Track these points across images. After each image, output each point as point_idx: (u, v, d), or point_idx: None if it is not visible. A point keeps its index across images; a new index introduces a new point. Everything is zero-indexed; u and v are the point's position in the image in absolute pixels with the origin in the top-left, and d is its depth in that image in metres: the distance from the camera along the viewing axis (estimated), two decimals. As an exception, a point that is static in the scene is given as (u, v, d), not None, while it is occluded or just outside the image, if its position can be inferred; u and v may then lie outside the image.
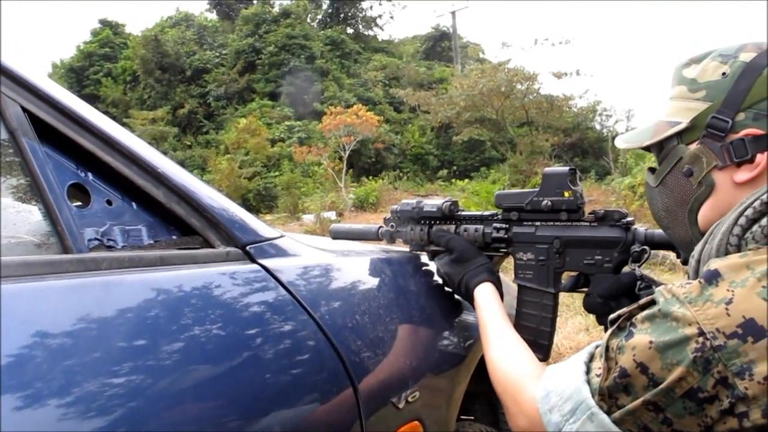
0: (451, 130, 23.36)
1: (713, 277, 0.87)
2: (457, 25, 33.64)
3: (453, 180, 22.14)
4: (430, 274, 1.59)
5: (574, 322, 5.16)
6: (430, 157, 26.80)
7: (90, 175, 0.98)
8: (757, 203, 0.93)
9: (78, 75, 31.33)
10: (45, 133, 0.92)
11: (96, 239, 0.94)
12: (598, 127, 25.22)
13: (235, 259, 1.07)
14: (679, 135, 1.06)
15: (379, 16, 39.88)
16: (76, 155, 0.97)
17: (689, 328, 0.84)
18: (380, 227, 1.65)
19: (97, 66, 31.35)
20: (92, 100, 29.71)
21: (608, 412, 0.91)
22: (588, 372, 0.96)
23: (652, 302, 0.93)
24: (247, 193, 21.05)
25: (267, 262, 1.11)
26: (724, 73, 1.01)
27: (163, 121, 27.04)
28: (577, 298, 5.66)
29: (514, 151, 19.45)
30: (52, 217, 0.87)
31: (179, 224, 1.06)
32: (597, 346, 0.99)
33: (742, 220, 0.93)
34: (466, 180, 20.97)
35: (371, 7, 40.32)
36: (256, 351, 0.95)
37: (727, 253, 0.94)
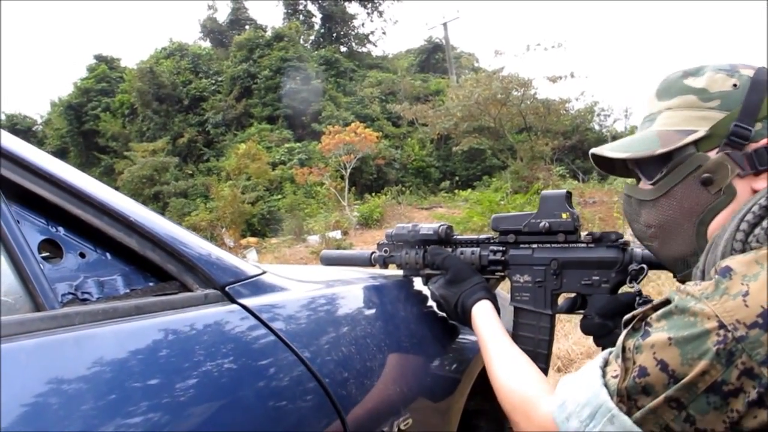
0: (450, 141, 23.44)
1: (726, 273, 0.88)
2: (450, 36, 33.94)
3: (456, 191, 22.13)
4: (421, 298, 1.58)
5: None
6: (432, 170, 26.80)
7: (61, 229, 0.99)
8: (755, 208, 0.95)
9: (76, 111, 31.45)
10: (13, 191, 0.93)
11: (70, 293, 0.94)
12: (597, 127, 25.30)
13: (213, 301, 1.07)
14: (696, 143, 1.05)
15: (372, 33, 40.31)
16: (46, 211, 0.97)
17: (709, 322, 0.84)
18: (373, 253, 1.64)
19: (95, 101, 31.47)
20: (92, 135, 29.98)
21: (628, 414, 0.90)
22: (604, 376, 0.95)
23: (666, 302, 0.93)
24: (251, 218, 21.08)
25: (247, 301, 1.11)
26: (734, 85, 1.03)
27: (163, 152, 27.12)
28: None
29: (515, 158, 19.49)
30: (23, 275, 0.87)
31: (156, 270, 1.06)
32: (610, 352, 0.99)
33: (744, 225, 0.94)
34: (469, 190, 20.97)
35: (363, 25, 40.72)
36: (238, 394, 0.95)
37: (731, 255, 0.94)
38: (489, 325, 1.31)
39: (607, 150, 1.15)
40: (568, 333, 5.12)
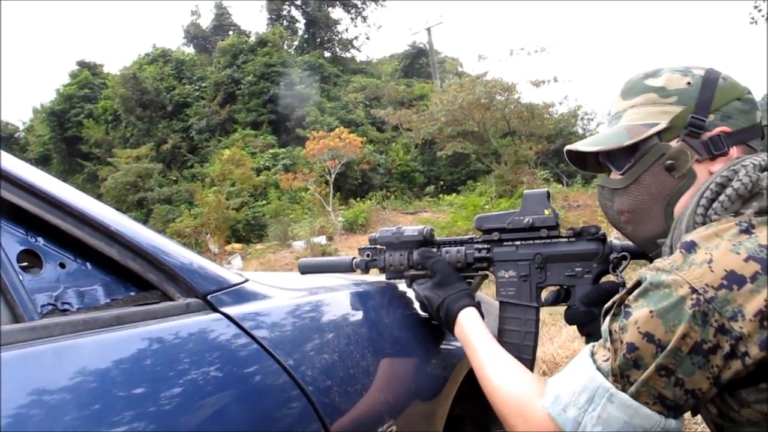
0: (435, 146, 23.42)
1: (691, 246, 1.00)
2: (434, 41, 33.97)
3: (441, 195, 22.17)
4: (406, 303, 1.58)
5: (568, 330, 5.15)
6: (417, 174, 26.86)
7: (41, 239, 0.98)
8: (712, 185, 1.08)
9: (59, 118, 31.24)
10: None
11: (50, 304, 0.93)
12: (580, 131, 25.39)
13: (195, 310, 1.06)
14: (658, 135, 1.18)
15: (355, 38, 40.20)
16: (25, 221, 0.96)
17: (682, 289, 0.95)
18: (354, 258, 1.64)
19: (77, 108, 31.27)
20: (75, 142, 29.78)
21: (622, 391, 0.98)
22: (595, 362, 1.03)
23: (638, 284, 1.03)
24: (236, 224, 21.02)
25: (230, 310, 1.10)
26: (689, 83, 1.18)
27: (147, 158, 27.02)
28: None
29: (499, 162, 19.50)
30: (1, 286, 0.86)
31: (137, 280, 1.06)
32: (593, 346, 1.08)
33: (703, 201, 1.08)
34: (454, 194, 21.00)
35: (347, 30, 40.79)
36: (222, 403, 0.94)
37: (694, 229, 1.06)
38: (477, 331, 1.34)
39: (581, 145, 1.27)
40: (553, 337, 5.14)
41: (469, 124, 19.93)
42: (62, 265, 0.99)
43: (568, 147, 1.31)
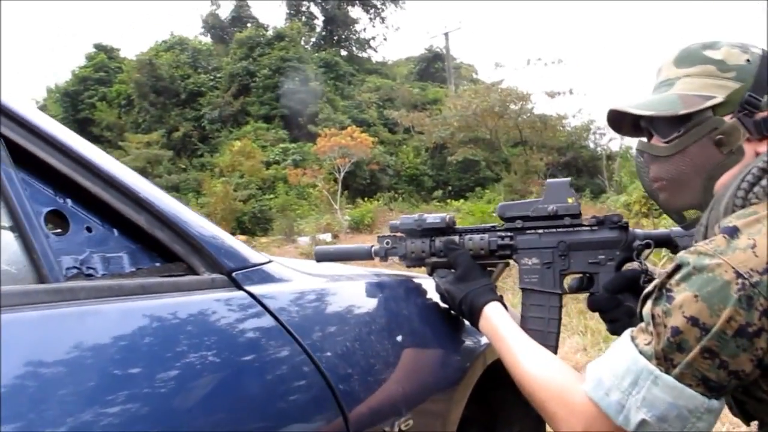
0: (445, 151, 23.44)
1: (734, 231, 0.99)
2: (450, 46, 34.05)
3: (448, 200, 22.15)
4: (424, 296, 1.55)
5: (571, 342, 5.12)
6: (425, 178, 26.84)
7: (69, 201, 0.95)
8: (755, 170, 1.06)
9: (73, 99, 31.26)
10: (22, 158, 0.89)
11: (75, 267, 0.91)
12: (591, 145, 25.30)
13: (220, 286, 1.04)
14: (713, 108, 1.15)
15: (373, 38, 40.20)
16: (55, 181, 0.94)
17: (727, 274, 0.94)
18: (372, 246, 1.62)
19: (91, 90, 31.25)
20: (87, 124, 29.78)
21: (666, 373, 0.97)
22: (637, 346, 1.03)
23: (677, 267, 1.01)
24: (242, 216, 21.02)
25: (254, 289, 1.07)
26: (748, 60, 1.15)
27: (157, 145, 27.03)
28: (573, 317, 5.64)
29: (509, 171, 19.51)
30: (28, 245, 0.84)
31: (162, 251, 1.03)
32: (632, 331, 1.07)
33: (745, 185, 1.06)
34: (461, 200, 20.99)
35: (365, 29, 40.53)
36: (242, 381, 0.92)
37: (733, 212, 1.05)
38: (507, 324, 1.32)
39: (631, 107, 1.22)
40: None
41: (481, 131, 19.98)
42: (89, 229, 0.96)
43: (614, 106, 1.27)
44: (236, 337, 0.97)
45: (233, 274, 1.07)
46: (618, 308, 1.36)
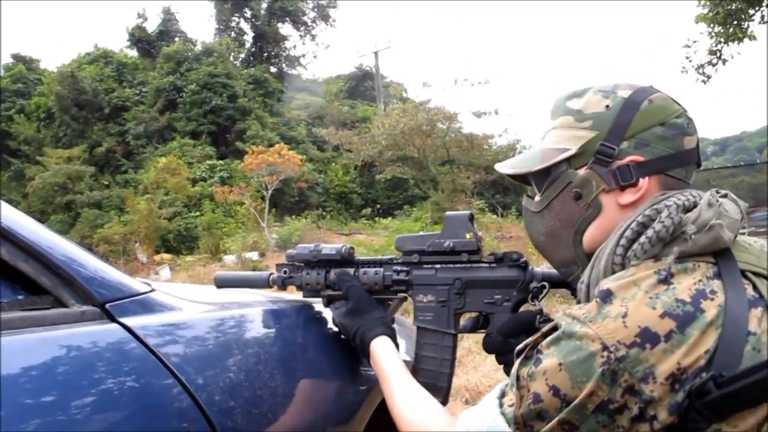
0: (374, 169, 23.49)
1: (607, 296, 0.94)
2: (380, 64, 34.19)
3: (377, 218, 22.19)
4: (321, 323, 1.53)
5: (492, 359, 5.13)
6: (354, 196, 26.88)
7: None
8: (633, 224, 1.02)
9: (-12, 111, 30.08)
10: None
11: None
12: (518, 164, 25.74)
13: (90, 319, 0.99)
14: (568, 161, 1.14)
15: (303, 56, 40.27)
16: None
17: (593, 345, 0.90)
18: (271, 274, 1.59)
19: (9, 102, 30.01)
20: (3, 137, 28.64)
21: None
22: (501, 406, 1.00)
23: (554, 328, 0.98)
24: (167, 234, 20.53)
25: (129, 321, 1.03)
26: (607, 106, 1.11)
27: (79, 160, 26.14)
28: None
29: (437, 189, 19.67)
30: None
31: (29, 283, 0.98)
32: (506, 384, 1.03)
33: (623, 241, 1.02)
34: (390, 218, 21.06)
35: (295, 47, 40.38)
36: (110, 422, 0.87)
37: (613, 272, 1.01)
38: (389, 362, 1.30)
39: (501, 166, 1.26)
40: (478, 365, 5.14)
41: (409, 150, 20.08)
42: (-58, 262, 0.91)
43: (496, 166, 1.28)
44: (104, 374, 0.92)
45: (107, 306, 1.02)
46: (511, 352, 1.28)
